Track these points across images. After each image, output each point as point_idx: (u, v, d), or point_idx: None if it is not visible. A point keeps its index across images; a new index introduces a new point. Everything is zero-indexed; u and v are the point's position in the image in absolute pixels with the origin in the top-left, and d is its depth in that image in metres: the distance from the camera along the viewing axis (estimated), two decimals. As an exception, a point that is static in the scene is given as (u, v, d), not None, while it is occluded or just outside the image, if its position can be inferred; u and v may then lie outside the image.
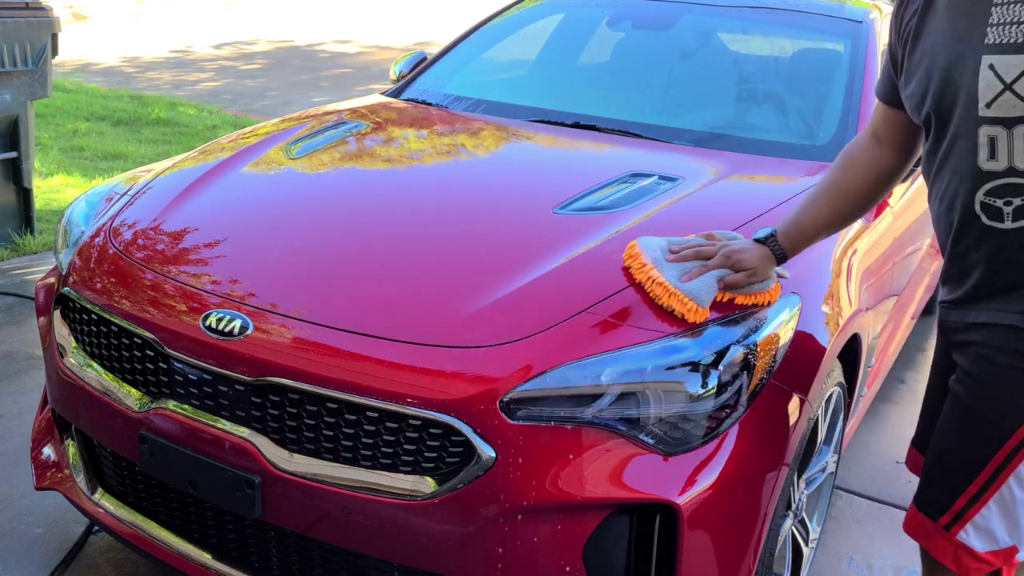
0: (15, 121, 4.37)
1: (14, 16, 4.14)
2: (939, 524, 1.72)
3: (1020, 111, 1.50)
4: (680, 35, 3.32)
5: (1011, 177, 1.54)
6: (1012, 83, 1.49)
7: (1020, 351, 1.60)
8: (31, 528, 2.54)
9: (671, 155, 2.65)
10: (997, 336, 1.63)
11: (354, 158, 2.67)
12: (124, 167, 6.21)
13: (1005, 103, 1.51)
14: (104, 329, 2.05)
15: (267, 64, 11.91)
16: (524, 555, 1.68)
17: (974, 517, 1.68)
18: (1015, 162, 1.53)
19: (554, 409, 1.69)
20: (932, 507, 1.74)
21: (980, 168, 1.57)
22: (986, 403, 1.65)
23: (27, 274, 4.32)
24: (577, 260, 1.97)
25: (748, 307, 1.88)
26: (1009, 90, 1.50)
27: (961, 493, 1.68)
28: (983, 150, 1.56)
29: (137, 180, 2.56)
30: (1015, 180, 1.54)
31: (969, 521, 1.68)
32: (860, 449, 3.28)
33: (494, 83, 3.41)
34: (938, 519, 1.72)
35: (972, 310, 1.67)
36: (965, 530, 1.69)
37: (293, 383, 1.76)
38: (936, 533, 1.73)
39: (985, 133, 1.55)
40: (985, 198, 1.58)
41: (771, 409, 1.85)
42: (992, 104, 1.52)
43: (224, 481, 1.83)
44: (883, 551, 2.72)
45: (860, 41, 3.04)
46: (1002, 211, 1.57)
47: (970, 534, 1.69)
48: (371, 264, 2.04)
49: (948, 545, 1.71)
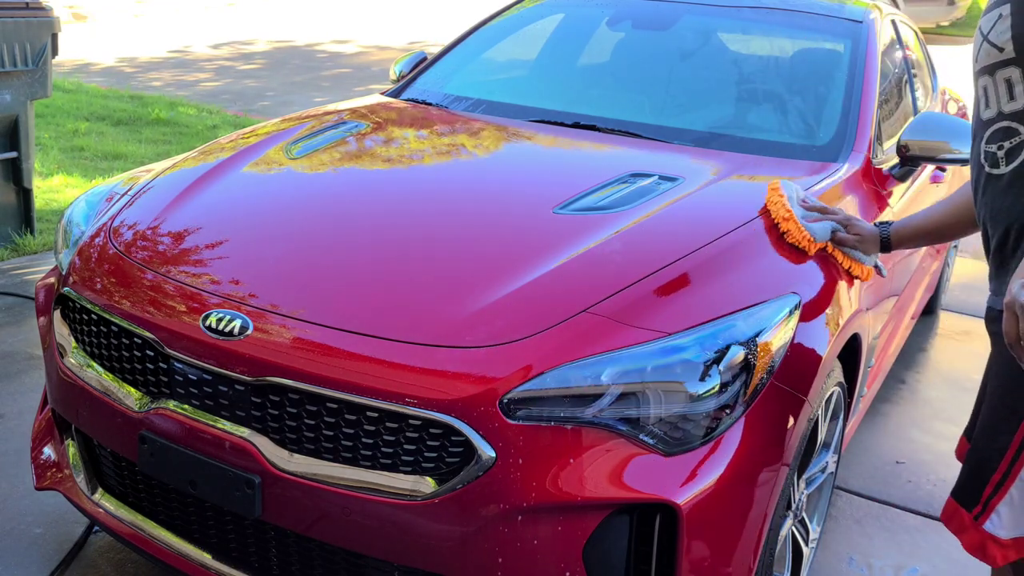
0: (15, 121, 4.37)
1: (14, 16, 4.14)
2: (972, 515, 1.74)
3: (995, 57, 1.62)
4: (680, 35, 3.32)
5: (1001, 121, 1.64)
6: (987, 34, 1.63)
7: None
8: (31, 528, 2.54)
9: (671, 155, 2.65)
10: None
11: (354, 158, 2.67)
12: (124, 167, 6.21)
13: (984, 54, 1.65)
14: (104, 329, 2.05)
15: (267, 64, 11.91)
16: (524, 555, 1.68)
17: (997, 505, 1.70)
18: (1002, 107, 1.63)
19: (554, 409, 1.69)
20: (967, 499, 1.76)
21: (981, 119, 1.69)
22: (1005, 392, 1.68)
23: (27, 274, 4.32)
24: (577, 260, 1.97)
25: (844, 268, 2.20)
26: (986, 41, 1.64)
27: (988, 482, 1.71)
28: (980, 102, 1.69)
29: (137, 180, 2.56)
30: (1004, 124, 1.63)
31: (993, 510, 1.70)
32: (860, 449, 3.28)
33: (494, 83, 3.41)
34: (972, 510, 1.74)
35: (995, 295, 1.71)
36: (991, 519, 1.71)
37: (293, 383, 1.76)
38: (969, 526, 1.75)
39: (980, 85, 1.68)
40: (986, 147, 1.68)
41: (771, 409, 1.85)
42: (979, 56, 1.66)
43: (224, 481, 1.83)
44: (883, 551, 2.72)
45: (860, 41, 3.04)
46: (996, 156, 1.65)
47: (995, 523, 1.70)
48: (371, 264, 2.04)
49: (976, 535, 1.73)
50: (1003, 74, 1.61)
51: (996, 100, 1.64)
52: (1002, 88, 1.62)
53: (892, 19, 3.53)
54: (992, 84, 1.64)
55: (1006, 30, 1.58)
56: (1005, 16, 1.58)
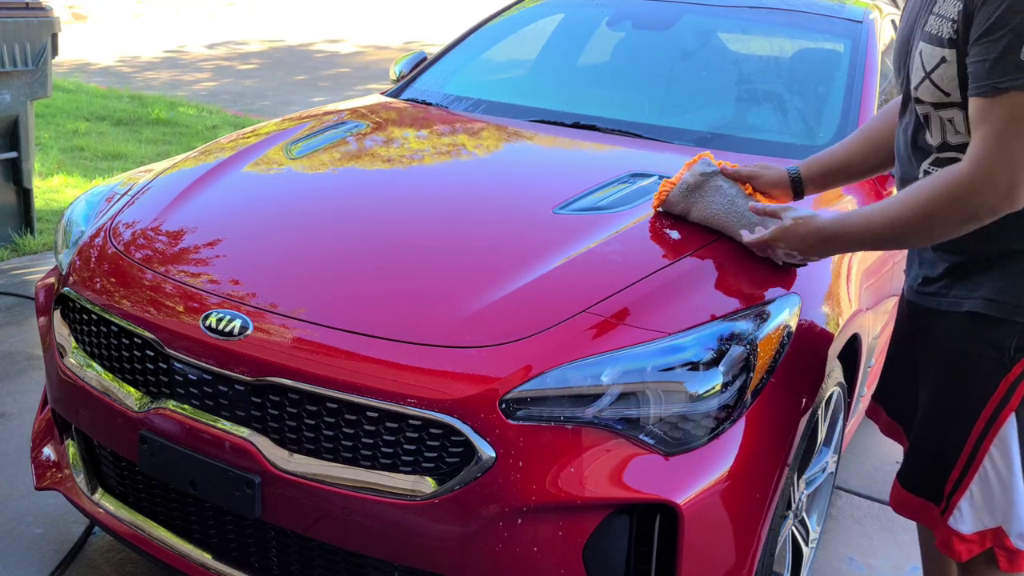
0: (15, 121, 4.37)
1: (14, 16, 4.14)
2: (939, 509, 1.77)
3: (939, 98, 1.62)
4: (680, 35, 3.32)
5: (947, 152, 1.66)
6: (930, 72, 1.62)
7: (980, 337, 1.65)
8: (31, 528, 2.54)
9: (671, 155, 2.64)
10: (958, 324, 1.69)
11: (354, 158, 2.67)
12: (124, 167, 6.21)
13: (926, 89, 1.64)
14: (104, 329, 2.05)
15: (266, 64, 11.91)
16: (524, 555, 1.68)
17: (959, 502, 1.73)
18: (947, 138, 1.65)
19: (554, 409, 1.69)
20: (933, 493, 1.78)
21: (918, 143, 1.71)
22: (955, 389, 1.71)
23: (27, 274, 4.32)
24: (577, 260, 1.97)
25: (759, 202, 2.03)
26: (928, 78, 1.62)
27: (947, 479, 1.74)
28: (921, 128, 1.70)
29: (137, 180, 2.56)
30: (951, 155, 1.64)
31: (956, 506, 1.73)
32: (860, 449, 3.28)
33: (494, 83, 3.41)
34: (939, 505, 1.77)
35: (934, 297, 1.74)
36: (953, 516, 1.74)
37: (293, 383, 1.76)
38: (938, 521, 1.78)
39: (921, 111, 1.69)
40: (929, 167, 1.69)
41: (771, 409, 1.85)
42: (918, 88, 1.65)
43: (224, 481, 1.83)
44: (883, 551, 2.72)
45: (860, 41, 3.04)
46: None
47: (956, 518, 1.73)
48: (371, 264, 2.04)
49: (944, 531, 1.76)
50: (946, 114, 1.64)
51: (940, 131, 1.66)
52: (947, 124, 1.65)
53: (892, 19, 3.52)
54: (936, 118, 1.66)
55: (953, 78, 1.58)
56: (950, 62, 1.58)
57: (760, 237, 1.93)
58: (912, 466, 1.85)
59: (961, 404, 1.70)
